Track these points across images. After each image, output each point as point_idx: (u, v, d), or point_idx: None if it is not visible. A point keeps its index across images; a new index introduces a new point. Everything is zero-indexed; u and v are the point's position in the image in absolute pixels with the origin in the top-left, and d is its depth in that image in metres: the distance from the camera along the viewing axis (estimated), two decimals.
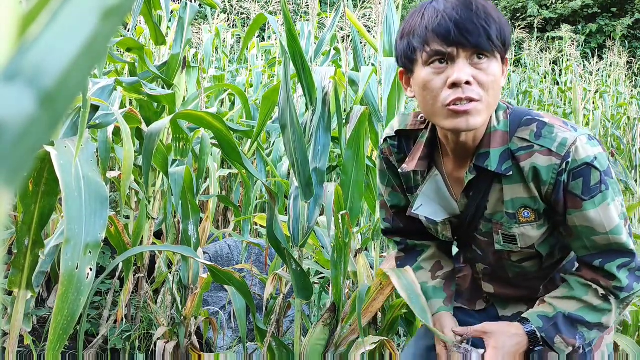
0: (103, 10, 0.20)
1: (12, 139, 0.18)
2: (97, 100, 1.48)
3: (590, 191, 0.95)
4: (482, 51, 0.90)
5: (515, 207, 1.01)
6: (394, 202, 1.22)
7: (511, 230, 1.03)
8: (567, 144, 0.94)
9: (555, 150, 0.94)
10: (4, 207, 0.19)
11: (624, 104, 6.33)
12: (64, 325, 1.02)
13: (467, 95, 0.89)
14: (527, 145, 0.97)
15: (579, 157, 0.94)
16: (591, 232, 0.97)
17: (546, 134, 0.96)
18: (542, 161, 0.95)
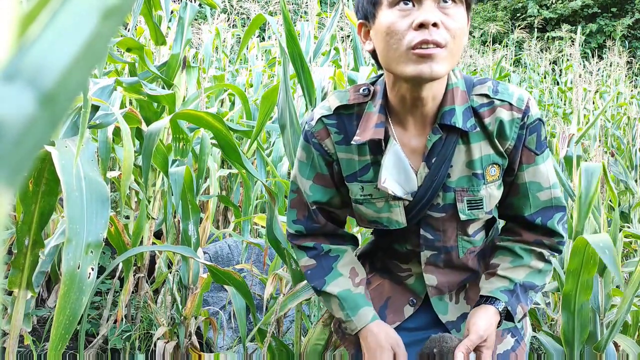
0: (103, 10, 0.20)
1: (12, 139, 0.18)
2: (97, 100, 1.48)
3: (541, 146, 1.00)
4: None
5: (483, 165, 0.99)
6: (316, 198, 1.09)
7: (479, 192, 1.01)
8: (524, 99, 0.97)
9: (515, 104, 0.97)
10: (4, 207, 0.19)
11: (624, 104, 6.32)
12: (66, 325, 1.02)
13: (434, 38, 0.86)
14: (488, 102, 0.97)
15: (534, 113, 0.98)
16: (537, 187, 1.02)
17: (503, 90, 0.98)
18: (506, 115, 0.97)
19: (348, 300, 1.08)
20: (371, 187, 1.04)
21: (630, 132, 4.84)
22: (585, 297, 1.63)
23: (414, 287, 1.16)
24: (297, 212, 1.13)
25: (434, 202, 1.02)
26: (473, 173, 1.00)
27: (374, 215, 1.06)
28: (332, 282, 1.10)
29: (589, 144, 4.19)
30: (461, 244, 1.08)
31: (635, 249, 3.28)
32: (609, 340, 1.66)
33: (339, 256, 1.13)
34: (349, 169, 1.05)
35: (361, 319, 1.06)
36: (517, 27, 10.80)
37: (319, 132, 1.05)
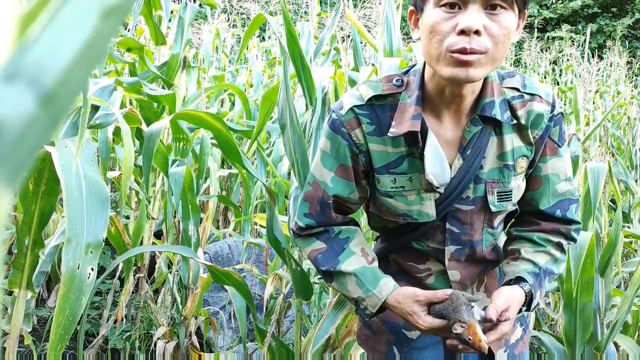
0: (103, 10, 0.20)
1: (12, 139, 0.18)
2: (98, 100, 1.48)
3: (562, 138, 1.04)
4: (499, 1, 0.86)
5: (515, 157, 1.01)
6: (337, 191, 1.05)
7: (509, 184, 1.02)
8: (550, 93, 1.01)
9: (544, 98, 1.00)
10: (4, 207, 0.19)
11: (624, 104, 6.32)
12: (66, 325, 1.02)
13: (473, 46, 0.85)
14: (519, 95, 1.00)
15: (558, 106, 1.01)
16: (556, 178, 1.04)
17: (530, 84, 1.00)
18: (538, 107, 0.99)
19: (366, 275, 1.05)
20: (404, 179, 1.02)
21: (630, 132, 4.84)
22: (588, 297, 1.63)
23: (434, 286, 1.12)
24: (310, 206, 1.09)
25: (463, 195, 1.02)
26: (505, 164, 1.01)
27: (405, 208, 1.04)
28: (346, 261, 1.07)
29: (589, 144, 4.18)
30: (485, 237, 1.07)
31: (636, 249, 3.28)
32: (609, 340, 1.66)
33: (350, 237, 1.10)
34: (381, 161, 1.02)
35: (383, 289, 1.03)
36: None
37: (349, 121, 1.01)
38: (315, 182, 1.07)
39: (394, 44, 1.91)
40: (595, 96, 6.59)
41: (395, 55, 1.89)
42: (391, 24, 1.90)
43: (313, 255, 1.10)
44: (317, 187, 1.07)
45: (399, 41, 1.93)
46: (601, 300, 1.78)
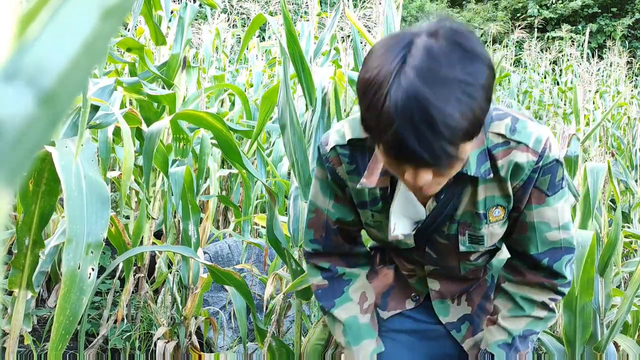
0: (103, 10, 0.20)
1: (12, 139, 0.18)
2: (97, 100, 1.48)
3: (554, 187, 0.95)
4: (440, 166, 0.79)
5: (487, 206, 0.97)
6: (339, 216, 1.07)
7: (480, 230, 0.99)
8: (543, 140, 0.91)
9: (532, 147, 0.91)
10: (4, 207, 0.19)
11: (624, 104, 6.32)
12: (66, 325, 1.02)
13: (424, 190, 0.85)
14: (504, 142, 0.92)
15: (551, 154, 0.93)
16: (546, 227, 0.98)
17: (521, 129, 0.92)
18: (521, 158, 0.91)
19: (353, 329, 1.09)
20: (381, 216, 1.03)
21: (630, 132, 4.83)
22: (588, 297, 1.63)
23: (416, 287, 1.17)
24: (315, 232, 1.11)
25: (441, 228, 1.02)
26: (476, 212, 0.97)
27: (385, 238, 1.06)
28: (341, 307, 1.10)
29: (589, 144, 4.19)
30: (463, 266, 1.09)
31: (635, 249, 3.28)
32: (609, 341, 1.66)
33: (351, 280, 1.13)
34: (359, 198, 1.04)
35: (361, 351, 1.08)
36: (517, 27, 10.80)
37: (332, 159, 1.02)
38: (318, 209, 1.09)
39: None
40: (595, 96, 6.58)
41: None
42: (391, 24, 1.90)
43: (314, 288, 1.15)
44: (320, 213, 1.09)
45: None
46: (601, 300, 1.78)
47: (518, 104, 6.36)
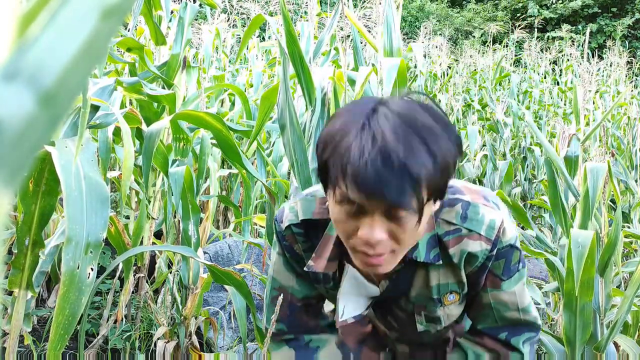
0: (103, 10, 0.20)
1: (12, 139, 0.18)
2: (97, 100, 1.48)
3: (510, 271, 0.93)
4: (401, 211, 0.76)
5: (441, 292, 0.95)
6: (305, 293, 1.05)
7: (436, 312, 0.98)
8: (496, 226, 0.89)
9: (484, 234, 0.89)
10: (4, 207, 0.19)
11: (624, 104, 6.33)
12: (65, 325, 1.02)
13: (378, 251, 0.80)
14: (455, 229, 0.89)
15: (505, 239, 0.91)
16: (504, 308, 0.96)
17: (472, 215, 0.89)
18: (473, 247, 0.89)
19: None
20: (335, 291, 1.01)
21: (630, 132, 4.84)
22: (588, 297, 1.63)
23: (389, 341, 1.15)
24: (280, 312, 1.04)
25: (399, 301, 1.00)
26: (429, 297, 0.96)
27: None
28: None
29: (589, 144, 4.19)
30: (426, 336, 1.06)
31: (635, 249, 3.28)
32: (609, 340, 1.66)
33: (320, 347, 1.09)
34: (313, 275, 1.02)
35: None
36: (517, 27, 10.80)
37: (288, 236, 1.01)
38: (282, 287, 1.06)
39: (394, 44, 1.91)
40: (595, 96, 6.59)
41: (395, 55, 1.89)
42: (391, 24, 1.90)
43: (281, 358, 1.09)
44: (284, 291, 1.06)
45: (399, 41, 1.93)
46: (601, 300, 1.78)
47: (518, 104, 6.35)
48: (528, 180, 5.42)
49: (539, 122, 6.32)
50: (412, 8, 15.22)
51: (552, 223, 3.40)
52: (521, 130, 5.77)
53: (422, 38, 5.94)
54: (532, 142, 5.53)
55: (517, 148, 5.70)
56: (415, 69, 5.36)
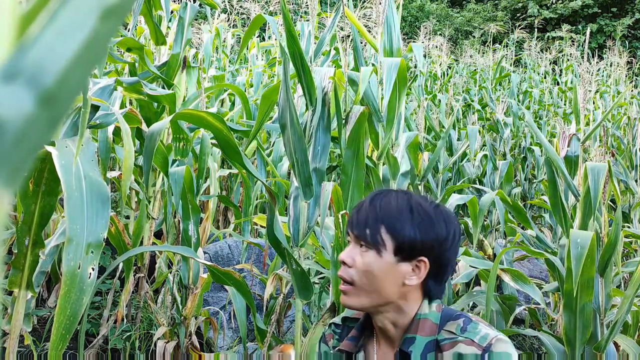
0: (103, 10, 0.20)
1: (12, 139, 0.18)
2: (98, 100, 1.48)
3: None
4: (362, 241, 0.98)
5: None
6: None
7: None
8: (489, 337, 0.98)
9: (477, 341, 0.98)
10: (4, 207, 0.19)
11: (624, 104, 6.32)
12: (67, 325, 1.02)
13: (341, 274, 1.00)
14: (452, 337, 1.00)
15: (499, 350, 0.97)
16: None
17: (471, 329, 1.00)
18: (465, 349, 0.98)
19: None
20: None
21: (630, 132, 4.83)
22: (588, 297, 1.62)
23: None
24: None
25: None
26: None
27: None
28: None
29: (589, 144, 4.18)
30: None
31: (636, 248, 3.28)
32: (609, 340, 1.66)
33: None
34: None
35: None
36: (517, 27, 10.80)
37: (328, 334, 1.18)
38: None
39: (394, 43, 1.91)
40: (595, 96, 6.59)
41: (395, 55, 1.89)
42: (391, 23, 1.90)
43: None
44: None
45: (399, 41, 1.93)
46: (601, 300, 1.78)
47: (518, 104, 6.35)
48: (528, 180, 5.42)
49: (539, 122, 6.32)
50: (412, 8, 15.22)
51: (552, 223, 3.40)
52: (521, 130, 5.77)
53: (422, 38, 5.94)
54: (532, 142, 5.53)
55: (517, 148, 5.70)
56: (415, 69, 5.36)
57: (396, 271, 0.98)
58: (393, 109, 1.86)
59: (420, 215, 0.97)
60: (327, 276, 2.09)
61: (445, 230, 0.97)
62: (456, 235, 1.00)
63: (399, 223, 0.96)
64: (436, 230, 0.97)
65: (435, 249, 0.97)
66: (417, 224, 0.96)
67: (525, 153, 5.54)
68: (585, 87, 2.13)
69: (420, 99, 4.59)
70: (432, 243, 0.97)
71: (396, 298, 1.00)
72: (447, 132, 3.39)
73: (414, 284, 0.99)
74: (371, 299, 1.00)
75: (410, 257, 0.97)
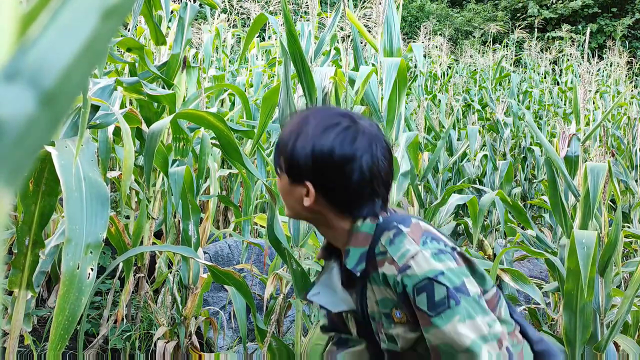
0: (103, 10, 0.20)
1: (12, 139, 0.18)
2: (98, 100, 1.48)
3: (435, 307, 0.92)
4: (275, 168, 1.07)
5: (386, 306, 1.00)
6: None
7: (390, 330, 1.01)
8: (407, 255, 0.94)
9: (396, 260, 0.95)
10: (4, 207, 0.19)
11: (624, 104, 6.33)
12: (65, 325, 1.02)
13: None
14: (383, 251, 0.98)
15: (420, 272, 0.92)
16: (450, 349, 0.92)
17: (397, 242, 0.96)
18: (387, 269, 0.96)
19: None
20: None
21: (630, 132, 4.83)
22: (588, 297, 1.62)
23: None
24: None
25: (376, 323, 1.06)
26: (382, 312, 1.01)
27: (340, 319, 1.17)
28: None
29: (589, 144, 4.18)
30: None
31: (636, 249, 3.28)
32: (609, 341, 1.66)
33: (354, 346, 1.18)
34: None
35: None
36: (517, 27, 10.79)
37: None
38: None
39: (394, 43, 1.91)
40: (595, 96, 6.59)
41: (395, 55, 1.89)
42: (391, 23, 1.90)
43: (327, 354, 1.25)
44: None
45: (399, 41, 1.93)
46: (601, 300, 1.78)
47: (518, 104, 6.35)
48: (528, 180, 5.41)
49: (539, 122, 6.32)
50: (412, 8, 15.21)
51: (552, 223, 3.40)
52: (521, 130, 5.77)
53: (422, 38, 5.94)
54: (532, 142, 5.53)
55: (517, 148, 5.70)
56: (415, 69, 5.36)
57: (293, 193, 1.03)
58: (393, 108, 1.86)
59: (302, 140, 0.99)
60: None
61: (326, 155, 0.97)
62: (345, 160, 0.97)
63: (286, 148, 1.00)
64: (316, 155, 0.97)
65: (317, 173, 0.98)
66: (299, 149, 0.98)
67: (525, 153, 5.54)
68: (585, 87, 2.13)
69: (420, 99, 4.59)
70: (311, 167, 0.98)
71: (310, 215, 1.04)
72: (447, 132, 3.39)
73: (308, 204, 1.01)
74: (292, 214, 1.08)
75: (298, 180, 1.01)
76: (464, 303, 0.91)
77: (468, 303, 0.92)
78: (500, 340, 0.93)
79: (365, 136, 0.99)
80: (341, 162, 0.97)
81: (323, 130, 0.98)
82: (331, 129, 0.98)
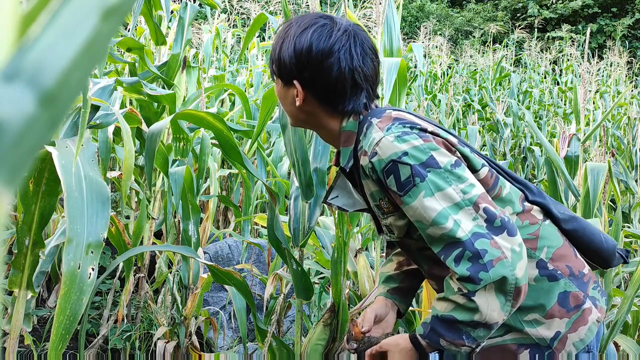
0: (103, 10, 0.20)
1: (12, 139, 0.18)
2: (98, 100, 1.48)
3: (403, 186, 0.98)
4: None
5: (375, 198, 1.08)
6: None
7: (384, 221, 1.10)
8: (373, 143, 1.00)
9: (366, 149, 1.02)
10: (4, 207, 0.19)
11: (624, 104, 6.32)
12: (66, 325, 1.02)
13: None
14: (361, 146, 1.05)
15: (385, 156, 0.98)
16: (421, 225, 0.98)
17: (367, 134, 1.03)
18: (363, 161, 1.03)
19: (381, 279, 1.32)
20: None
21: (630, 132, 4.83)
22: None
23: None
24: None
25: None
26: (374, 204, 1.10)
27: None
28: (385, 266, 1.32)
29: (589, 144, 4.19)
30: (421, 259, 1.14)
31: (636, 248, 3.28)
32: (609, 340, 1.66)
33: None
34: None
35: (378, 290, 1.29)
36: (517, 27, 10.80)
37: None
38: None
39: (394, 43, 1.91)
40: (596, 96, 6.59)
41: (395, 55, 1.89)
42: (391, 23, 1.90)
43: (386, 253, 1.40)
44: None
45: (399, 41, 1.93)
46: None
47: (518, 104, 6.35)
48: (528, 180, 5.42)
49: (539, 122, 6.32)
50: (412, 8, 15.21)
51: None
52: (521, 130, 5.77)
53: (422, 38, 5.94)
54: (532, 142, 5.53)
55: (517, 148, 5.70)
56: (415, 69, 5.36)
57: (287, 96, 1.09)
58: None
59: (287, 42, 1.05)
60: (327, 276, 2.09)
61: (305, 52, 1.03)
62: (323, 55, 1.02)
63: (274, 52, 1.07)
64: (297, 53, 1.03)
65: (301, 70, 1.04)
66: (284, 50, 1.05)
67: (525, 153, 5.54)
68: (585, 87, 2.13)
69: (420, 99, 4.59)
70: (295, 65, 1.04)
71: (306, 117, 1.10)
72: None
73: (299, 104, 1.07)
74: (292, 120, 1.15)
75: (288, 81, 1.07)
76: (431, 176, 0.96)
77: (437, 175, 0.96)
78: (477, 203, 0.96)
79: (343, 32, 1.05)
80: (320, 57, 1.03)
81: (303, 30, 1.04)
82: (310, 28, 1.04)
